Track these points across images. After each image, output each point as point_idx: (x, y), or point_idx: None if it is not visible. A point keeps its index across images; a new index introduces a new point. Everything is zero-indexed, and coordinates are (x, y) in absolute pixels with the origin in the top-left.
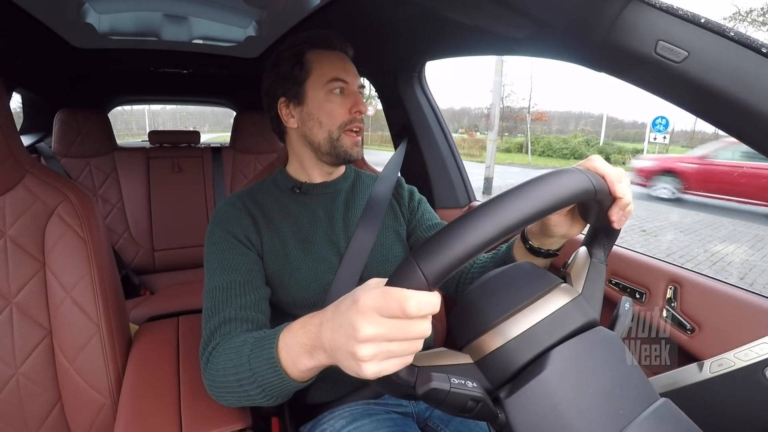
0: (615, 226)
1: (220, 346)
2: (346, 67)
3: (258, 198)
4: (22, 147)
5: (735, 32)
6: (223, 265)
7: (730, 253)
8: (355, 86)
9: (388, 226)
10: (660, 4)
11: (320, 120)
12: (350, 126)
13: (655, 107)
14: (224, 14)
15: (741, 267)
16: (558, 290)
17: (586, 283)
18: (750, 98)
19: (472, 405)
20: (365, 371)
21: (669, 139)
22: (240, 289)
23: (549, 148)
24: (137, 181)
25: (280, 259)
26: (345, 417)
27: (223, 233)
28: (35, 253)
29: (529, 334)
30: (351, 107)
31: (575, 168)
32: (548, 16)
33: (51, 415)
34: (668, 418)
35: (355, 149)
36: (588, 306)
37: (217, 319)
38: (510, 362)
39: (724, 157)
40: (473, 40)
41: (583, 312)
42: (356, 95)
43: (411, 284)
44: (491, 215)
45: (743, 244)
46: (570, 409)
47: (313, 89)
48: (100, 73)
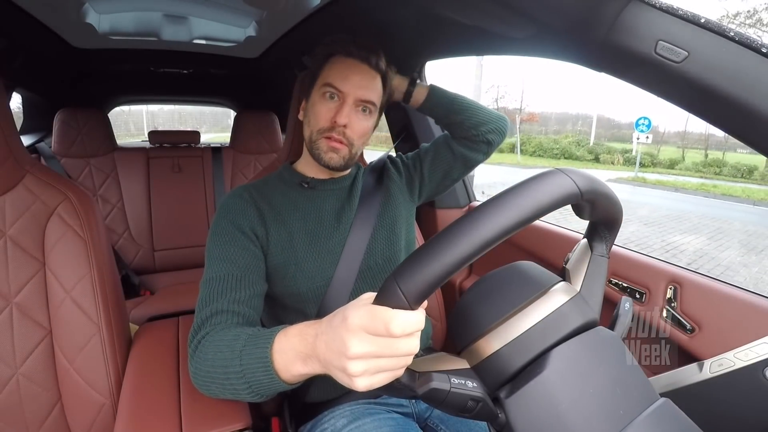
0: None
1: (210, 336)
2: (348, 77)
3: (265, 191)
4: (22, 147)
5: (735, 32)
6: (223, 257)
7: (686, 243)
8: (352, 99)
9: (389, 209)
10: (660, 4)
11: (309, 119)
12: (328, 134)
13: (653, 107)
14: (224, 14)
15: (692, 255)
16: (555, 290)
17: (585, 279)
18: (750, 98)
19: (472, 405)
20: (356, 385)
21: (651, 139)
22: (236, 283)
23: (540, 148)
24: (137, 181)
25: (287, 251)
26: (346, 416)
27: (228, 225)
28: (35, 253)
29: (524, 339)
30: (333, 115)
31: (558, 170)
32: (548, 16)
33: (51, 415)
34: (668, 418)
35: (328, 155)
36: (587, 305)
37: (209, 309)
38: (505, 367)
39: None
40: (473, 40)
41: (581, 312)
42: (344, 106)
43: (394, 304)
44: (469, 231)
45: (702, 235)
46: (570, 409)
47: (314, 88)
48: (100, 73)
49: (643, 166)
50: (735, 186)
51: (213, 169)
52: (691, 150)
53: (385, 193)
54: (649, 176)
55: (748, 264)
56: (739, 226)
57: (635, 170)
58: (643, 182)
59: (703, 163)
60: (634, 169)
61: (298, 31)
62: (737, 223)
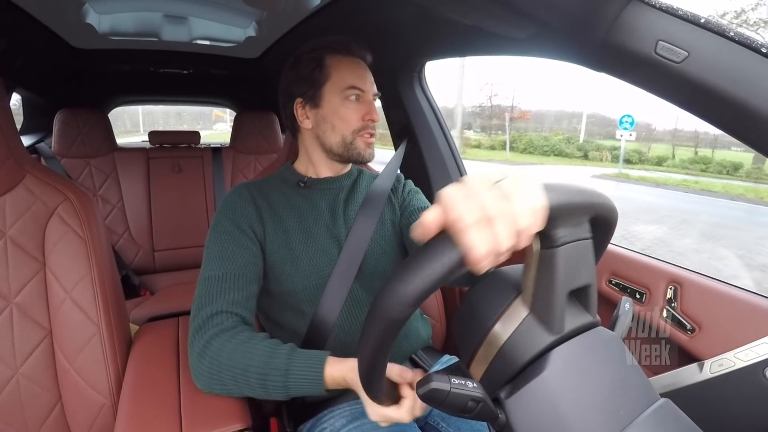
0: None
1: (219, 337)
2: (363, 75)
3: (265, 189)
4: (22, 147)
5: (735, 32)
6: (222, 255)
7: (646, 232)
8: (370, 95)
9: (387, 220)
10: (660, 4)
11: (333, 124)
12: (363, 132)
13: (647, 105)
14: (224, 14)
15: (649, 242)
16: (515, 304)
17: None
18: (750, 98)
19: (472, 405)
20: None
21: (635, 136)
22: (233, 283)
23: (531, 145)
24: (137, 181)
25: (283, 249)
26: (345, 416)
27: (228, 223)
28: (35, 254)
29: (493, 368)
30: (364, 114)
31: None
32: (548, 17)
33: (51, 416)
34: (668, 418)
35: (368, 151)
36: (539, 326)
37: (210, 310)
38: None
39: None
40: (473, 40)
41: (534, 337)
42: (370, 104)
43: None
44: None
45: (665, 225)
46: (570, 410)
47: (330, 94)
48: (100, 74)
49: (631, 162)
50: (716, 182)
51: (213, 169)
52: (683, 147)
53: (390, 201)
54: (633, 172)
55: (701, 251)
56: (706, 218)
57: (619, 166)
58: (626, 178)
59: (690, 160)
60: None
61: (298, 31)
62: (704, 215)
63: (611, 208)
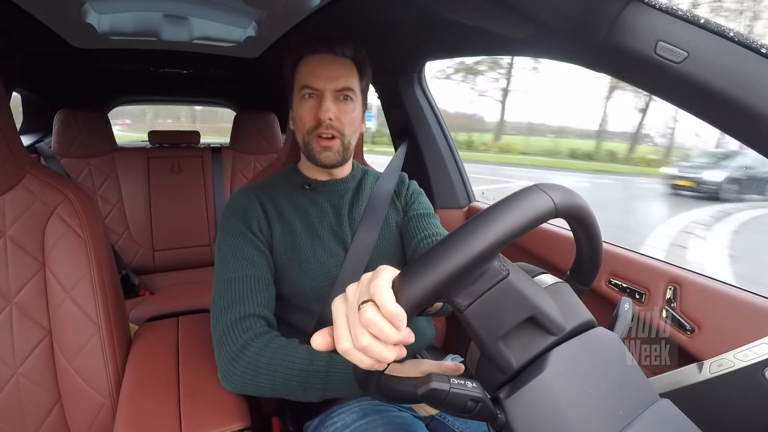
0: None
1: (258, 340)
2: (320, 73)
3: (271, 191)
4: (22, 147)
5: (735, 33)
6: (238, 256)
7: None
8: (328, 91)
9: (391, 221)
10: (660, 5)
11: (297, 124)
12: (318, 131)
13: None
14: (224, 14)
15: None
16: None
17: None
18: (750, 99)
19: (471, 405)
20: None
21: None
22: (255, 285)
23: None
24: (137, 181)
25: (290, 251)
26: (356, 412)
27: (238, 223)
28: (35, 253)
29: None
30: (317, 113)
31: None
32: (548, 17)
33: (50, 415)
34: (668, 418)
35: (323, 154)
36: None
37: (238, 312)
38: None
39: None
40: (473, 40)
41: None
42: (324, 100)
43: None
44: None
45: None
46: (570, 410)
47: (295, 96)
48: (99, 73)
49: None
50: (564, 162)
51: (213, 169)
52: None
53: (393, 202)
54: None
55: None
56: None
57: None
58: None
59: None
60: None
61: (298, 31)
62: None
63: (519, 230)
